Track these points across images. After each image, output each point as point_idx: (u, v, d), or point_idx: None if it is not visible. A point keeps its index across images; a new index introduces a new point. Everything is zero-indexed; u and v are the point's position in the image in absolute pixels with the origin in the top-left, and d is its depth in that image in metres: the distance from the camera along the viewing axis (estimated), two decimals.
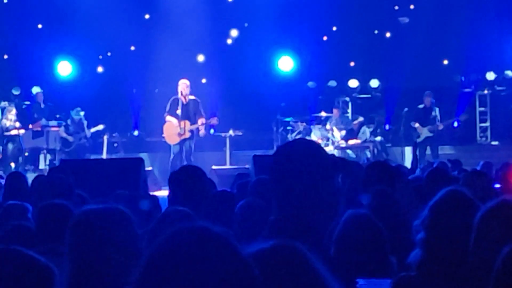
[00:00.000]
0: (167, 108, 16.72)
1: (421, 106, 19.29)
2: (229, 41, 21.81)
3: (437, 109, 19.29)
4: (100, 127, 19.27)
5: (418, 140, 19.00)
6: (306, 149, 2.86)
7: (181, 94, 16.45)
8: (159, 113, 17.06)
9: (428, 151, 18.85)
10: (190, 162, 15.63)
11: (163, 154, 17.90)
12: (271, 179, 2.88)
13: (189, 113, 16.47)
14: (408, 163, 17.33)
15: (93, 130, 19.11)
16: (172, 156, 16.69)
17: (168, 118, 16.68)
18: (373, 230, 4.31)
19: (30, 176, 10.27)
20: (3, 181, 11.75)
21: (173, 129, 16.60)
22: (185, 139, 16.50)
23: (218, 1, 21.57)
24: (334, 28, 22.26)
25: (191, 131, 16.56)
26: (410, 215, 5.45)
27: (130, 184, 8.62)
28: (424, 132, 18.99)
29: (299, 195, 2.77)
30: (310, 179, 2.78)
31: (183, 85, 16.60)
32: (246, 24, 21.63)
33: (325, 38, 22.06)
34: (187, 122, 16.45)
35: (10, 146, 18.88)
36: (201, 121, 16.69)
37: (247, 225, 5.32)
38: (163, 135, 17.00)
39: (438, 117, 19.15)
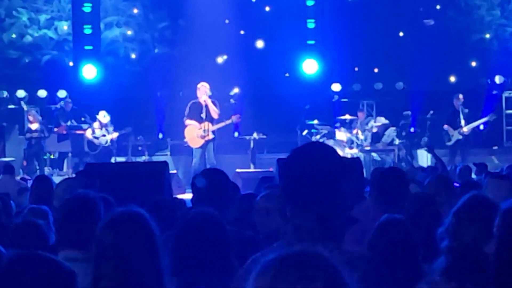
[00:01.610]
0: (186, 112, 16.77)
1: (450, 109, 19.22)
2: (258, 44, 21.81)
3: (465, 110, 19.19)
4: (127, 130, 19.32)
5: (449, 143, 18.89)
6: (317, 153, 2.83)
7: (206, 96, 16.50)
8: (184, 116, 17.10)
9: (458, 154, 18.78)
10: (213, 165, 15.67)
11: (187, 156, 17.94)
12: (283, 185, 2.85)
13: (210, 115, 16.53)
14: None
15: (117, 134, 19.08)
16: (194, 159, 16.72)
17: (188, 122, 16.74)
18: (407, 236, 4.26)
19: (56, 179, 10.33)
20: (26, 183, 11.87)
21: (195, 132, 16.64)
22: (208, 141, 16.54)
23: (243, 4, 21.59)
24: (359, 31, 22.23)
25: (213, 132, 16.62)
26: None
27: (154, 188, 8.66)
28: (455, 135, 18.89)
29: (313, 200, 2.75)
30: (322, 183, 2.75)
31: (204, 88, 16.63)
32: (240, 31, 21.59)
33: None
34: (209, 124, 16.50)
35: (31, 149, 19.03)
36: (225, 122, 16.78)
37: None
38: (185, 140, 17.05)
39: (463, 119, 19.03)
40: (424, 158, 19.22)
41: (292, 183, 2.81)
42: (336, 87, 21.62)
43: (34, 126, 19.13)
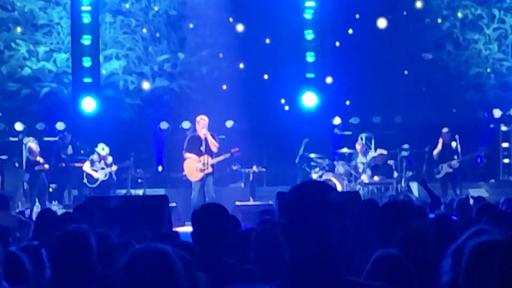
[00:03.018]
0: (185, 146, 16.77)
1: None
2: (258, 77, 21.89)
3: (457, 144, 19.19)
4: (126, 163, 19.29)
5: (438, 176, 18.93)
6: (315, 190, 2.87)
7: (206, 129, 16.52)
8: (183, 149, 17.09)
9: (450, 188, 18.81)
10: (212, 198, 15.66)
11: (186, 189, 17.92)
12: (283, 223, 2.89)
13: (210, 148, 16.54)
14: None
15: (116, 167, 19.04)
16: (193, 192, 16.69)
17: (187, 155, 16.74)
18: (403, 272, 4.24)
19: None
20: (24, 216, 11.80)
21: (194, 165, 16.63)
22: (207, 174, 16.54)
23: (242, 37, 21.69)
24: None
25: (212, 165, 16.62)
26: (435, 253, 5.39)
27: (155, 221, 8.67)
28: (444, 168, 18.92)
29: (310, 238, 2.80)
30: (320, 221, 2.79)
31: (204, 121, 16.64)
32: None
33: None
34: (209, 157, 16.50)
35: (34, 182, 18.94)
36: (224, 156, 16.78)
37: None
38: (184, 173, 17.03)
39: (459, 152, 19.04)
40: (417, 191, 19.24)
41: (291, 220, 2.85)
42: (336, 120, 21.66)
43: (40, 159, 19.01)
